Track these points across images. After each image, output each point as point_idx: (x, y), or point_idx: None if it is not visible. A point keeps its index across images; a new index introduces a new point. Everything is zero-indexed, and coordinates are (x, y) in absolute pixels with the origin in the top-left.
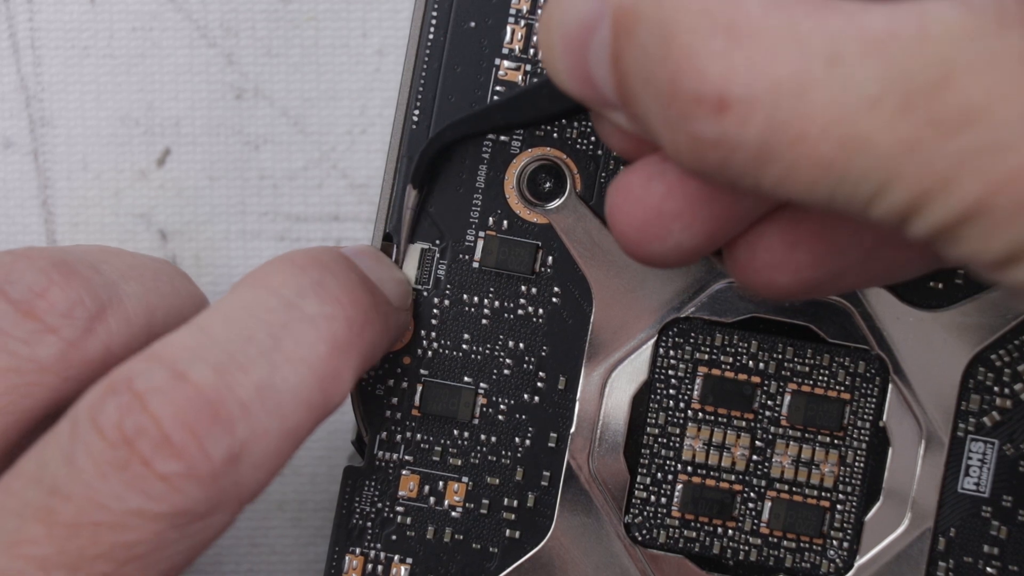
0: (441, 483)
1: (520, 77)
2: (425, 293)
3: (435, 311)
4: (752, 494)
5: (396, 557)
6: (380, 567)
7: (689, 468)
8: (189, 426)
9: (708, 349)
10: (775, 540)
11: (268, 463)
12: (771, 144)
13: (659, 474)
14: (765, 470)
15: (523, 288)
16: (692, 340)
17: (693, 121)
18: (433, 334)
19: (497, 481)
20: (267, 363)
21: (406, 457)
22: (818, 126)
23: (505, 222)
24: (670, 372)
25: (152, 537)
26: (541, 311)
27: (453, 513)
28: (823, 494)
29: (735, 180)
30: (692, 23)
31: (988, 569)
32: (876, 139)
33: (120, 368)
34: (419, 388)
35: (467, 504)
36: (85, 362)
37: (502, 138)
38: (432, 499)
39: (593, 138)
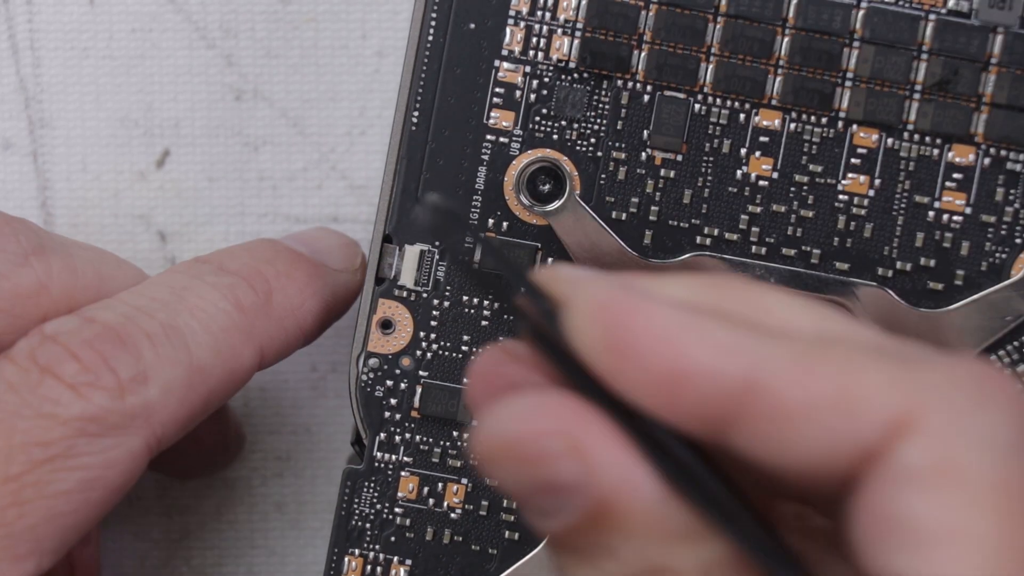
0: (440, 484)
1: (519, 79)
2: (425, 295)
3: (435, 312)
4: None
5: (395, 559)
6: (379, 568)
7: None
8: (96, 348)
9: None
10: None
11: (178, 392)
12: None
13: None
14: None
15: None
16: None
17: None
18: (433, 335)
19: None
20: (170, 311)
21: (405, 458)
22: None
23: (505, 223)
24: None
25: (62, 440)
26: None
27: (452, 515)
28: None
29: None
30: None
31: None
32: None
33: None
34: (418, 389)
35: (466, 506)
36: (16, 295)
37: (501, 139)
38: (431, 500)
39: (592, 139)
